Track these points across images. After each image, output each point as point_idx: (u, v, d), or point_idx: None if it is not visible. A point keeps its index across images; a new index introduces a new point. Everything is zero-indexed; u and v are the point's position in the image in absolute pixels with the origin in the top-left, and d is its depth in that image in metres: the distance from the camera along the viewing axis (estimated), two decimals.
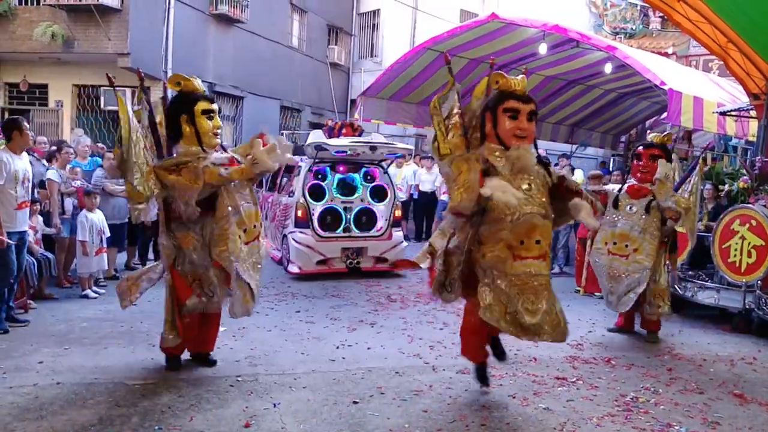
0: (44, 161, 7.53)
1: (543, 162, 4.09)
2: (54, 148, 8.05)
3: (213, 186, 4.19)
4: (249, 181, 4.47)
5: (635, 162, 6.05)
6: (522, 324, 3.84)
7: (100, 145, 9.57)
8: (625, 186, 6.07)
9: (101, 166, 8.02)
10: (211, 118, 4.40)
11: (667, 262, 6.13)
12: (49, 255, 6.69)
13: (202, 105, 4.37)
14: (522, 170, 3.93)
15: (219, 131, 4.47)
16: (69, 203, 7.25)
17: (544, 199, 3.96)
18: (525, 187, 3.89)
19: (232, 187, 4.35)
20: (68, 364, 4.63)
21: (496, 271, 3.89)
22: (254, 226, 4.48)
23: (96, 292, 6.91)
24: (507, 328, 3.90)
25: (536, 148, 4.12)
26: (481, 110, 4.06)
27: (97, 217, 7.05)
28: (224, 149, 4.59)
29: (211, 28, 14.68)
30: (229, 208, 4.31)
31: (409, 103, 14.29)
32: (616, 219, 5.98)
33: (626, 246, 5.83)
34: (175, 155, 4.35)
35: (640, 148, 6.10)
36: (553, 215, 4.05)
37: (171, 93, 4.60)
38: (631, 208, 5.90)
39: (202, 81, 4.71)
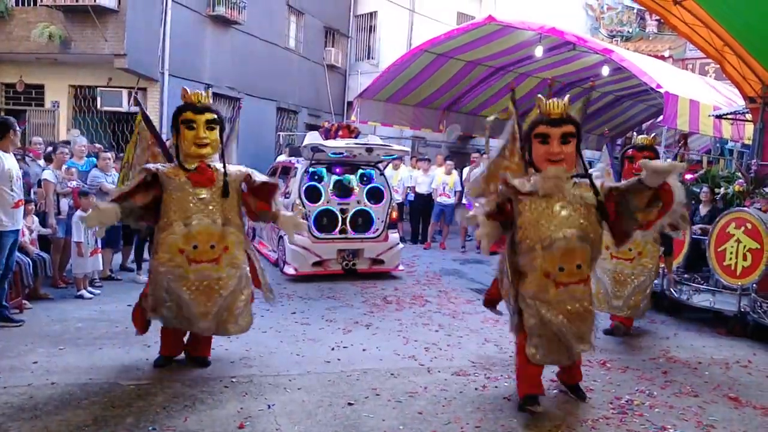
0: (39, 162, 7.52)
1: (590, 181, 3.98)
2: (50, 148, 8.04)
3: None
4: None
5: (628, 164, 6.01)
6: (570, 351, 3.97)
7: (97, 145, 9.54)
8: None
9: (96, 165, 8.01)
10: (191, 128, 4.35)
11: (662, 265, 6.15)
12: (45, 255, 6.68)
13: (184, 115, 4.38)
14: (553, 193, 3.89)
15: (203, 141, 4.38)
16: (64, 203, 7.23)
17: (582, 221, 3.88)
18: (557, 209, 3.88)
19: (190, 200, 4.29)
20: (63, 365, 4.62)
21: (538, 301, 3.91)
22: (211, 246, 4.31)
23: (91, 293, 6.89)
24: (559, 360, 4.07)
25: (585, 168, 4.07)
26: (524, 138, 4.15)
27: None
28: (223, 160, 4.53)
29: (208, 30, 14.66)
30: (174, 219, 4.26)
31: (406, 105, 14.31)
32: None
33: (630, 250, 5.80)
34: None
35: (633, 150, 6.08)
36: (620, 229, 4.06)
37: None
38: None
39: (199, 82, 4.73)
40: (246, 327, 4.58)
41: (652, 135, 6.38)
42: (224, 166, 4.50)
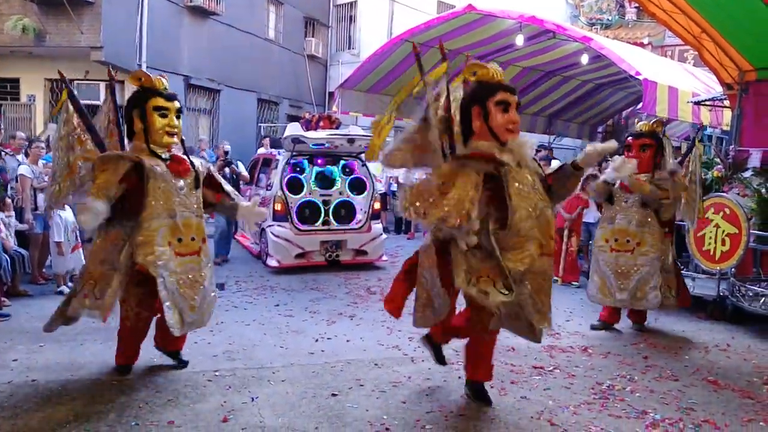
0: (18, 157, 7.41)
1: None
2: (26, 143, 7.93)
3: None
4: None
5: (625, 153, 5.80)
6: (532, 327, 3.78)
7: None
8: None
9: None
10: (164, 116, 4.18)
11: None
12: (23, 251, 6.60)
13: (155, 101, 4.17)
14: (525, 164, 3.70)
15: (174, 131, 4.23)
16: (41, 199, 7.13)
17: (543, 192, 3.75)
18: (530, 180, 3.67)
19: (173, 191, 4.13)
20: (43, 361, 4.57)
21: (530, 274, 3.61)
22: (192, 239, 4.20)
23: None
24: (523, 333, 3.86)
25: None
26: (465, 104, 3.79)
27: (70, 215, 6.96)
28: (185, 150, 4.45)
29: (186, 21, 14.51)
30: (160, 211, 4.08)
31: (387, 95, 14.23)
32: (613, 215, 5.85)
33: (628, 241, 5.71)
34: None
35: (630, 138, 5.89)
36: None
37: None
38: (626, 201, 5.78)
39: (177, 74, 4.64)
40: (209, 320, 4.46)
41: (653, 120, 6.08)
42: (188, 156, 4.42)
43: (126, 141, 4.32)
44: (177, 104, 4.31)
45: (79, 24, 11.69)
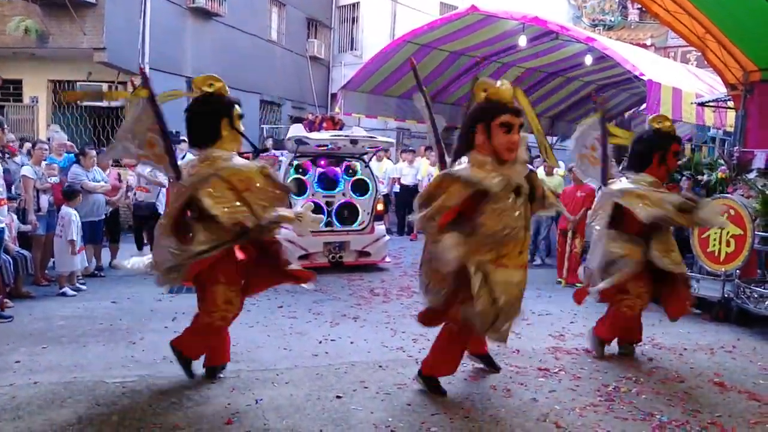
0: (16, 159, 7.38)
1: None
2: (29, 144, 7.92)
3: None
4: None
5: (657, 158, 5.02)
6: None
7: (68, 143, 9.35)
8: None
9: (77, 162, 7.90)
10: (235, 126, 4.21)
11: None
12: (26, 253, 6.60)
13: (238, 109, 4.22)
14: (513, 183, 3.88)
15: None
16: (44, 200, 7.13)
17: (528, 212, 3.99)
18: (520, 202, 3.89)
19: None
20: (46, 363, 4.55)
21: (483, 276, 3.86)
22: None
23: (77, 289, 6.82)
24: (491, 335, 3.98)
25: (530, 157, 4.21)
26: (470, 120, 4.01)
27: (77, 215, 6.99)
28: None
29: (188, 22, 14.50)
30: None
31: (389, 96, 14.26)
32: None
33: None
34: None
35: (673, 142, 5.12)
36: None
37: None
38: None
39: (180, 75, 4.62)
40: None
41: (659, 114, 5.69)
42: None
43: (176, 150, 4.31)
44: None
45: (81, 25, 11.68)
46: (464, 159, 4.01)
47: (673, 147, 4.92)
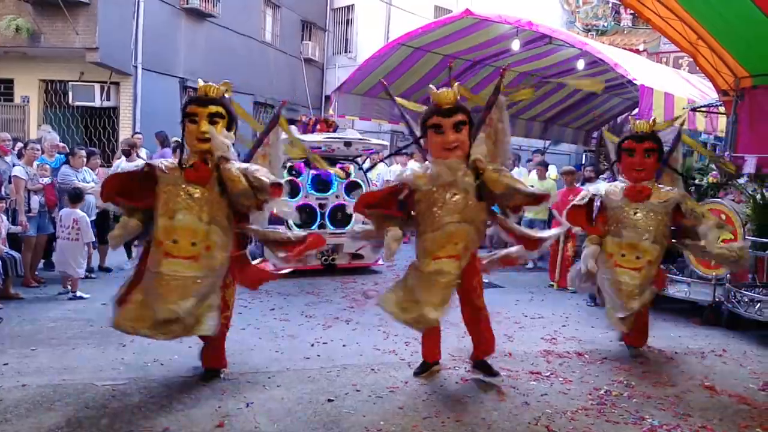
0: (6, 158, 7.33)
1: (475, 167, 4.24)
2: (20, 144, 7.87)
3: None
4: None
5: (627, 158, 5.18)
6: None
7: (60, 144, 9.28)
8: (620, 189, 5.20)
9: (66, 162, 7.85)
10: (193, 122, 4.07)
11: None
12: (15, 254, 6.54)
13: (189, 108, 4.13)
14: (447, 183, 4.15)
15: (206, 136, 4.04)
16: (35, 200, 7.07)
17: (470, 205, 4.16)
18: (452, 198, 4.14)
19: (180, 193, 4.00)
20: (35, 366, 4.51)
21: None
22: (192, 244, 3.96)
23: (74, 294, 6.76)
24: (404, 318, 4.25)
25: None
26: (421, 128, 4.38)
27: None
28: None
29: (182, 23, 14.46)
30: (161, 213, 3.97)
31: (383, 99, 14.21)
32: (620, 228, 5.09)
33: (638, 258, 4.96)
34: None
35: (630, 141, 5.16)
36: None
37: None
38: (635, 213, 5.03)
39: (173, 76, 4.59)
40: (211, 329, 4.12)
41: (651, 119, 5.61)
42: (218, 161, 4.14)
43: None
44: (212, 108, 4.16)
45: (74, 25, 11.62)
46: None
47: (624, 144, 5.17)
